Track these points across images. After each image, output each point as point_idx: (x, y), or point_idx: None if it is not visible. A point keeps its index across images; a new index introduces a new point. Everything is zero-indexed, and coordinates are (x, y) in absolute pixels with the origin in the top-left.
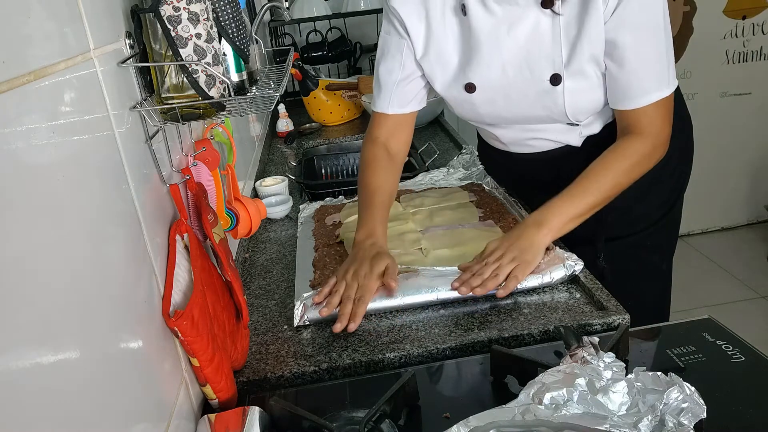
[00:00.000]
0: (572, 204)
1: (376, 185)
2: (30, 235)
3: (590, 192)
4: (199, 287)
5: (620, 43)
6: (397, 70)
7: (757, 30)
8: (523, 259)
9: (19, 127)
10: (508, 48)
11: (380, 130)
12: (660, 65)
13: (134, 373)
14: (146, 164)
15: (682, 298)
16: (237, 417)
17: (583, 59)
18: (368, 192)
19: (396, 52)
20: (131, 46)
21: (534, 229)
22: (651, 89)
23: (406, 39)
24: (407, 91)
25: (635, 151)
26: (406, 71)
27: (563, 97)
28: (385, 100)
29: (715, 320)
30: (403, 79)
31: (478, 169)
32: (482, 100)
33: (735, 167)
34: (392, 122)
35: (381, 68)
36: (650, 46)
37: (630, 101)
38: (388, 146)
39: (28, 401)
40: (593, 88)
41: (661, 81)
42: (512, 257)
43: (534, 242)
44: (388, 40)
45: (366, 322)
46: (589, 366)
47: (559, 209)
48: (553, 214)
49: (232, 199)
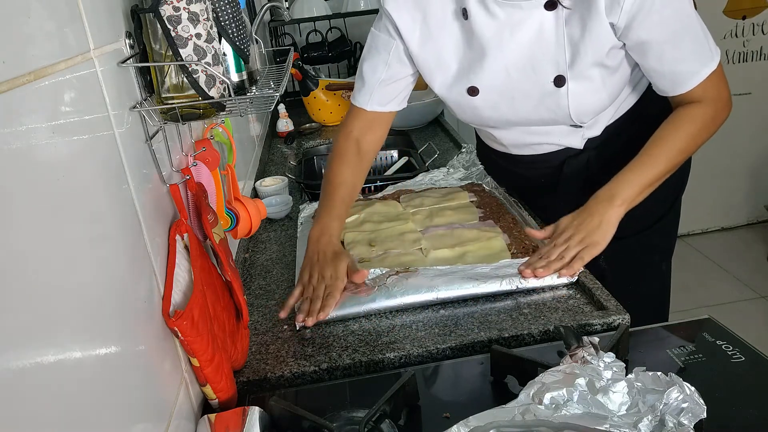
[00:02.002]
0: (642, 173)
1: (341, 180)
2: (30, 235)
3: (660, 160)
4: (199, 287)
5: (653, 41)
6: (382, 68)
7: (757, 30)
8: (591, 241)
9: (19, 127)
10: (512, 51)
11: (356, 123)
12: (698, 44)
13: (134, 373)
14: (146, 164)
15: (682, 298)
16: (237, 417)
17: (587, 60)
18: (331, 186)
19: (383, 50)
20: (131, 46)
21: (606, 204)
22: (697, 69)
23: (396, 40)
24: (389, 91)
25: (699, 116)
26: (391, 71)
27: (567, 99)
28: (366, 96)
29: (715, 320)
30: (387, 78)
31: (478, 169)
32: (485, 103)
33: (735, 167)
34: (370, 118)
35: (365, 64)
36: (684, 32)
37: (682, 87)
38: (361, 142)
39: (28, 401)
40: (598, 89)
41: (704, 59)
42: (581, 238)
43: (605, 219)
44: (377, 38)
45: (366, 321)
46: (589, 366)
47: (630, 180)
48: (624, 186)
49: (232, 199)
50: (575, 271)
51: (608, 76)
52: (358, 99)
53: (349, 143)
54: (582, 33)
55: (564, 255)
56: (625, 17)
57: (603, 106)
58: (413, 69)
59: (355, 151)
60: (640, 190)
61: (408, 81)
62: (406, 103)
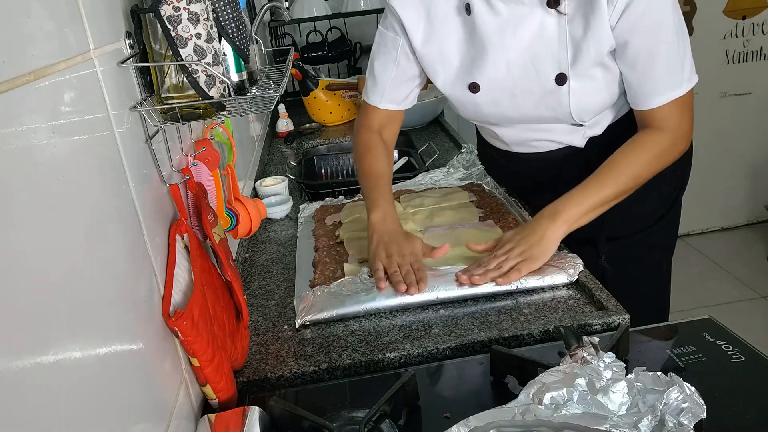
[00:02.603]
0: (590, 195)
1: (380, 170)
2: (30, 235)
3: (608, 184)
4: (199, 287)
5: (630, 45)
6: (392, 66)
7: (757, 30)
8: (530, 254)
9: (19, 127)
10: (514, 48)
11: (374, 120)
12: (671, 65)
13: (134, 373)
14: (146, 164)
15: (682, 298)
16: (237, 417)
17: (588, 59)
18: (373, 176)
19: (392, 48)
20: (131, 46)
21: (548, 221)
22: (664, 89)
23: (402, 37)
24: (401, 90)
25: (655, 144)
26: (401, 69)
27: (568, 97)
28: (379, 95)
29: (715, 320)
30: (397, 76)
31: (478, 169)
32: (486, 100)
33: (735, 167)
34: (384, 115)
35: (376, 63)
36: (660, 47)
37: (644, 101)
38: (382, 135)
39: (28, 401)
40: (599, 88)
41: (674, 81)
42: (521, 251)
43: (546, 235)
44: (385, 36)
45: (366, 321)
46: (589, 366)
47: (577, 200)
48: (569, 205)
49: (232, 199)
50: (511, 281)
51: (610, 77)
52: (371, 98)
53: (373, 136)
54: (584, 32)
55: (502, 265)
56: (615, 16)
57: (604, 105)
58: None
59: (380, 142)
60: (585, 211)
61: (417, 78)
62: (415, 100)
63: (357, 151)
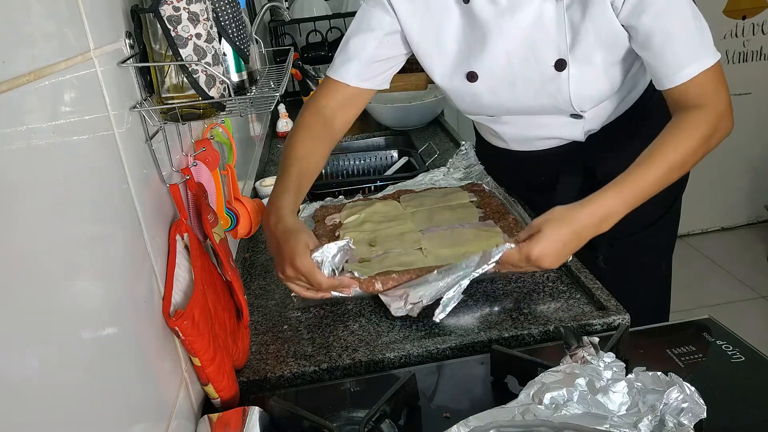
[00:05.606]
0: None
1: (301, 154)
2: (30, 235)
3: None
4: (199, 287)
5: (641, 27)
6: (372, 45)
7: (757, 30)
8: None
9: (20, 127)
10: (513, 35)
11: (330, 100)
12: (689, 36)
13: (134, 372)
14: (146, 164)
15: (682, 298)
16: (237, 417)
17: (588, 43)
18: (288, 160)
19: (377, 28)
20: (131, 46)
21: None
22: (687, 62)
23: (392, 19)
24: (376, 68)
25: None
26: (382, 49)
27: (568, 84)
28: (350, 71)
29: (715, 320)
30: (376, 55)
31: (478, 169)
32: (485, 89)
33: (735, 167)
34: (348, 94)
35: (353, 40)
36: (675, 23)
37: (670, 79)
38: (333, 119)
39: (28, 401)
40: (598, 75)
41: (696, 53)
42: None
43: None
44: (369, 13)
45: (366, 321)
46: (589, 366)
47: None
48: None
49: (232, 199)
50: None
51: (610, 62)
52: (340, 73)
53: (316, 118)
54: (583, 15)
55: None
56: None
57: (604, 94)
58: (407, 50)
59: (322, 126)
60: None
61: (398, 61)
62: (389, 84)
63: (290, 131)
